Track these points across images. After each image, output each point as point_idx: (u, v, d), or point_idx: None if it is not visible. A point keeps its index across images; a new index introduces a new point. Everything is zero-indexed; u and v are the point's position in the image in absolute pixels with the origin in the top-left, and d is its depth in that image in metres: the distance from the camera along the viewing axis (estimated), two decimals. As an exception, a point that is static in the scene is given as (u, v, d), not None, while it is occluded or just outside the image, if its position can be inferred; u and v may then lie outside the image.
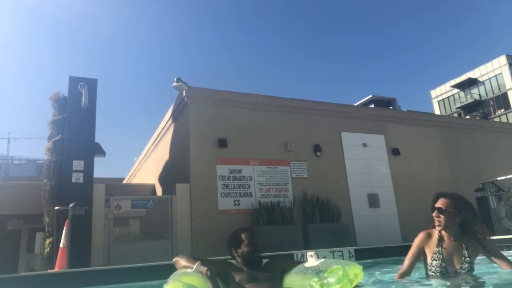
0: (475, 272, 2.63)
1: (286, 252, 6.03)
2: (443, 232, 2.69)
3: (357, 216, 9.65)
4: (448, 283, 2.59)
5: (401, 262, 2.95)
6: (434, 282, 2.64)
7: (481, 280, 2.58)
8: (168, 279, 2.29)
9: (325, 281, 2.17)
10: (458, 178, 11.35)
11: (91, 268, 6.06)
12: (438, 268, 2.64)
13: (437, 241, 2.71)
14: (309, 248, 7.82)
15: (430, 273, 2.68)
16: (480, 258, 2.78)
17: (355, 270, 2.25)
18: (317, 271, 2.28)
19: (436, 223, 2.69)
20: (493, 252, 2.63)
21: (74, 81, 7.86)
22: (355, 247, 7.04)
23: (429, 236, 2.84)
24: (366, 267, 2.37)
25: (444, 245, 2.68)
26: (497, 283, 2.59)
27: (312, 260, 2.47)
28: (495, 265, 2.65)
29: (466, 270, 2.56)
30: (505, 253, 2.81)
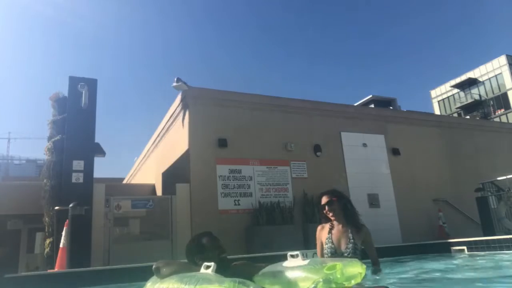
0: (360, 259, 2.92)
1: (286, 252, 6.01)
2: (333, 221, 3.33)
3: (357, 216, 9.63)
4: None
5: (401, 262, 2.99)
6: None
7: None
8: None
9: (331, 277, 2.03)
10: (458, 178, 11.36)
11: (91, 268, 6.07)
12: (329, 250, 3.25)
13: (329, 229, 3.36)
14: (309, 248, 7.82)
15: (325, 255, 3.27)
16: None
17: (359, 268, 2.14)
18: (314, 270, 2.10)
19: (330, 214, 3.31)
20: (367, 244, 3.32)
21: (74, 81, 7.86)
22: (355, 247, 7.03)
23: (322, 228, 3.49)
24: (366, 267, 2.29)
25: (334, 231, 3.31)
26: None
27: (294, 260, 2.29)
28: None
29: (350, 249, 3.15)
30: (505, 253, 2.80)
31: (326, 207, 3.30)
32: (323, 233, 3.42)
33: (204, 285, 1.85)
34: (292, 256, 2.34)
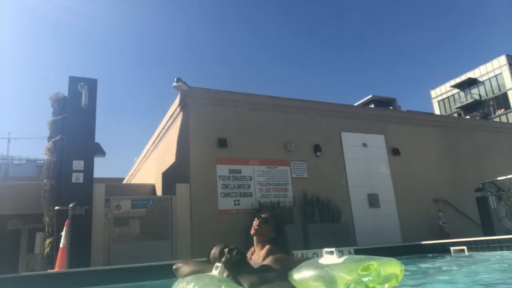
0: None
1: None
2: (256, 238, 2.80)
3: (357, 216, 9.65)
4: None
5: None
6: None
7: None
8: (187, 285, 2.00)
9: (364, 280, 1.87)
10: (458, 178, 11.37)
11: (91, 268, 6.07)
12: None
13: (252, 250, 2.84)
14: (309, 248, 7.82)
15: None
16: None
17: (396, 268, 1.95)
18: (346, 269, 1.97)
19: (254, 227, 2.78)
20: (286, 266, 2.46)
21: (74, 81, 7.86)
22: (355, 247, 7.05)
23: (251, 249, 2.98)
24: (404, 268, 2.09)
25: (255, 253, 2.79)
26: None
27: (330, 257, 2.18)
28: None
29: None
30: (505, 253, 2.79)
31: (257, 220, 2.77)
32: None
33: (199, 285, 1.96)
34: (328, 252, 2.21)
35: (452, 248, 6.98)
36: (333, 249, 2.20)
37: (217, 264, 2.20)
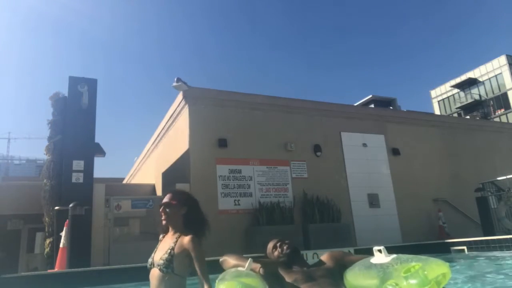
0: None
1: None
2: (170, 227, 2.57)
3: (357, 216, 9.65)
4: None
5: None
6: None
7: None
8: (219, 279, 2.14)
9: (404, 283, 1.79)
10: (458, 178, 11.36)
11: (91, 268, 6.07)
12: (148, 260, 2.46)
13: (163, 236, 2.62)
14: (309, 248, 7.82)
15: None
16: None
17: (442, 269, 1.85)
18: (391, 270, 1.92)
19: (162, 218, 2.57)
20: (195, 257, 2.31)
21: (74, 81, 7.86)
22: (355, 247, 7.05)
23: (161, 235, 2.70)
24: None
25: (165, 237, 2.56)
26: None
27: (380, 255, 2.15)
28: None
29: (164, 261, 2.29)
30: (505, 253, 2.78)
31: (161, 208, 2.58)
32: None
33: (221, 277, 2.19)
34: (377, 251, 2.19)
35: (452, 248, 6.99)
36: (381, 247, 2.18)
37: (250, 260, 2.33)
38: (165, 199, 2.61)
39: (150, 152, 12.83)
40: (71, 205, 6.66)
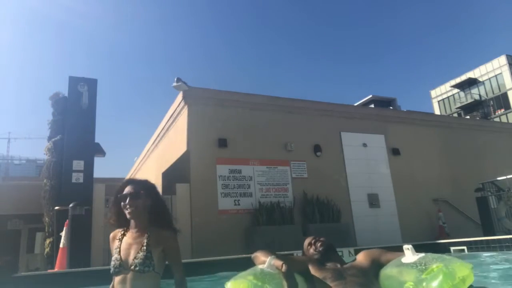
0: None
1: (286, 252, 6.02)
2: (131, 222, 2.31)
3: (357, 216, 9.65)
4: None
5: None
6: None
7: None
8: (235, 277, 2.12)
9: (423, 284, 1.77)
10: (458, 178, 11.36)
11: (91, 268, 6.07)
12: (113, 264, 2.25)
13: (121, 235, 2.36)
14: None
15: (111, 273, 2.29)
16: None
17: (463, 272, 1.83)
18: (414, 270, 1.93)
19: (128, 211, 2.25)
20: (170, 255, 2.27)
21: (74, 81, 7.87)
22: (355, 247, 7.04)
23: (114, 237, 2.47)
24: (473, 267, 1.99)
25: (126, 237, 2.31)
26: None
27: (409, 254, 2.14)
28: None
29: (140, 259, 2.13)
30: (505, 253, 2.78)
31: (127, 199, 2.23)
32: (114, 243, 2.42)
33: (241, 273, 2.19)
34: (406, 249, 2.22)
35: (452, 248, 6.98)
36: (409, 246, 2.20)
37: (271, 257, 2.33)
38: (130, 189, 2.27)
39: (150, 152, 12.83)
40: (71, 205, 6.66)
